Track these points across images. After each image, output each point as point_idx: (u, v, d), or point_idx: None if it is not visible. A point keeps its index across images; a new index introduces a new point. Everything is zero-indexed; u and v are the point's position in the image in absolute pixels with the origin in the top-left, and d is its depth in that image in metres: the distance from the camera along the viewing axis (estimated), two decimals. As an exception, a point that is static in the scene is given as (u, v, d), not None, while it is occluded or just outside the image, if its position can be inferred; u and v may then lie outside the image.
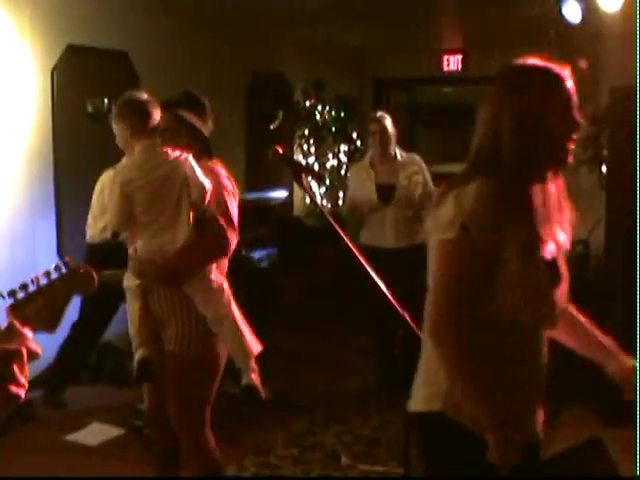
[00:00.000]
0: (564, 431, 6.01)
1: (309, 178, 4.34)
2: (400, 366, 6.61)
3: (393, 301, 3.59)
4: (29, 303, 2.00)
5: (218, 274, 4.20)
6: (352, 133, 11.57)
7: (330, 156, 11.23)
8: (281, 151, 4.08)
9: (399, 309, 3.61)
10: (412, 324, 3.59)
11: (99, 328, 6.67)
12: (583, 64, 10.09)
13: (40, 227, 7.07)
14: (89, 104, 7.43)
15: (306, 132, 10.90)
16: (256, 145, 9.60)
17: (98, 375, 7.07)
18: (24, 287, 2.02)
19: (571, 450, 4.13)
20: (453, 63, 12.58)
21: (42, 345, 2.08)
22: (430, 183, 6.88)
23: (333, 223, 3.76)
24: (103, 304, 6.28)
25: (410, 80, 13.38)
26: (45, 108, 7.04)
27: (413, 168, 6.83)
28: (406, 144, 7.26)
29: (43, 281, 2.03)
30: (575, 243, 7.14)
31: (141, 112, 4.36)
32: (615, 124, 6.88)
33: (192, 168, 4.13)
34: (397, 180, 6.75)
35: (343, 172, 11.16)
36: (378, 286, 3.59)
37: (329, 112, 11.13)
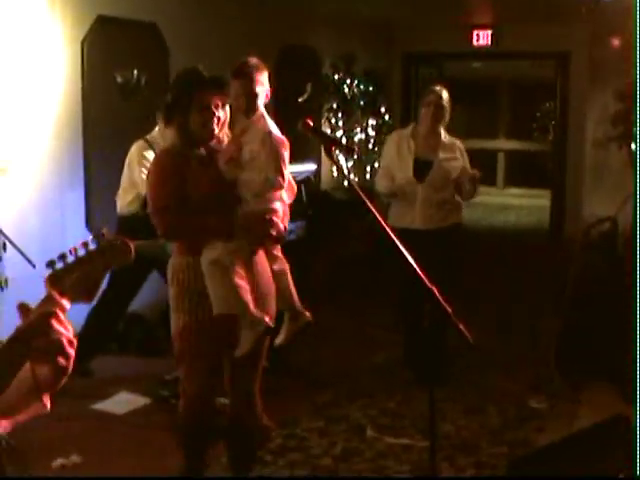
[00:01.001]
0: (587, 407, 6.02)
1: (338, 151, 4.34)
2: (426, 342, 6.58)
3: (421, 275, 3.59)
4: (67, 274, 2.01)
5: None
6: (380, 107, 11.56)
7: (358, 130, 11.22)
8: (311, 123, 4.13)
9: (427, 283, 3.61)
10: (440, 300, 3.60)
11: (127, 298, 6.70)
12: (616, 42, 10.03)
13: (69, 198, 7.10)
14: (118, 75, 7.44)
15: (334, 106, 10.89)
16: (284, 118, 9.55)
17: (125, 345, 7.13)
18: (62, 257, 2.03)
19: (597, 426, 4.16)
20: (483, 38, 12.56)
21: (69, 315, 2.10)
22: (469, 169, 6.55)
23: (364, 197, 3.77)
24: (133, 274, 6.31)
25: (439, 55, 13.36)
26: (74, 79, 7.05)
27: (454, 153, 6.54)
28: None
29: (81, 252, 2.04)
30: (603, 220, 7.14)
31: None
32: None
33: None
34: (436, 158, 6.46)
35: (371, 146, 11.15)
36: (406, 261, 3.58)
37: (358, 86, 11.11)
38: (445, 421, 5.74)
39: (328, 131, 10.71)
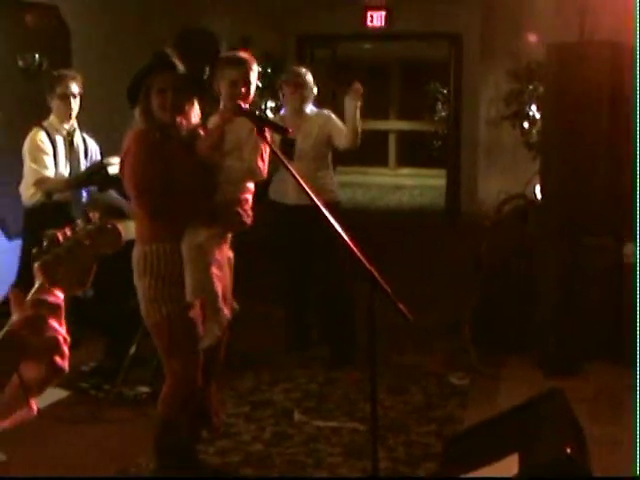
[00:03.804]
0: (508, 382, 6.12)
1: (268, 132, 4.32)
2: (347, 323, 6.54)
3: (358, 254, 3.68)
4: (57, 262, 1.87)
5: None
6: (278, 89, 11.51)
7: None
8: (245, 106, 4.22)
9: (366, 264, 3.70)
10: (379, 280, 3.66)
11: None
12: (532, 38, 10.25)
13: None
14: (20, 59, 7.23)
15: (232, 89, 10.80)
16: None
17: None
18: (51, 244, 1.89)
19: (532, 401, 4.22)
20: (377, 19, 12.58)
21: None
22: (339, 133, 6.46)
23: (299, 179, 3.83)
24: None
25: (333, 36, 13.36)
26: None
27: (318, 122, 6.51)
28: (328, 100, 6.90)
29: (70, 239, 1.91)
30: (514, 197, 7.27)
31: None
32: (551, 81, 6.92)
33: None
34: (297, 134, 6.34)
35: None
36: (341, 238, 3.63)
37: (256, 69, 11.05)
38: (370, 401, 5.74)
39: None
